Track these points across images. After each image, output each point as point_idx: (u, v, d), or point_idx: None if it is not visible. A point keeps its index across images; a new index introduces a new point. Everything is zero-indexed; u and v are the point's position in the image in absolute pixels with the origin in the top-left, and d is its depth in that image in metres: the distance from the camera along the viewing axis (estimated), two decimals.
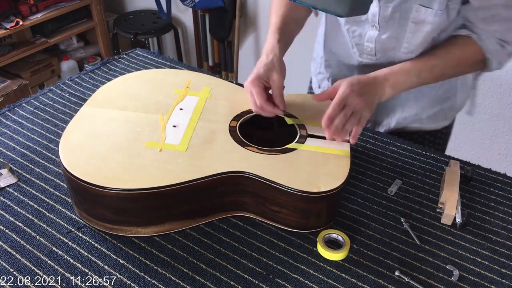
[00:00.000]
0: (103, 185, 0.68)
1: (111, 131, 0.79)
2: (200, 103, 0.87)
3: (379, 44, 0.90)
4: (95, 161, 0.72)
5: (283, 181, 0.70)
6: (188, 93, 0.90)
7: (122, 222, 0.72)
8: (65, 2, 2.44)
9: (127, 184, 0.68)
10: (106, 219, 0.72)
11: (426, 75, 0.84)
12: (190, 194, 0.71)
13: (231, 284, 0.67)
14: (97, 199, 0.70)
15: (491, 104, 1.84)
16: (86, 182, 0.68)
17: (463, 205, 0.81)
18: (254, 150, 0.76)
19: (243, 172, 0.71)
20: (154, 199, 0.70)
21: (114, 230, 0.73)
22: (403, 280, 0.68)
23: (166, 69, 1.00)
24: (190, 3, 2.24)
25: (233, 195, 0.75)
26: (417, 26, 0.84)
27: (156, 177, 0.70)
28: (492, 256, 0.73)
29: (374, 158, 0.91)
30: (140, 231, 0.73)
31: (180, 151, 0.75)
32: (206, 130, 0.80)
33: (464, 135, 1.99)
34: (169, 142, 0.77)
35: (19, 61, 2.35)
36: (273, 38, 0.87)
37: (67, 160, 0.72)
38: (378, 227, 0.77)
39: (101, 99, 0.87)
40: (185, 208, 0.73)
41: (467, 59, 0.86)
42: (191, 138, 0.78)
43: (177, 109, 0.85)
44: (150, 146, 0.76)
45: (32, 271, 0.68)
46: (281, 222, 0.75)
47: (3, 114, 1.00)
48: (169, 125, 0.81)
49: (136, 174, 0.70)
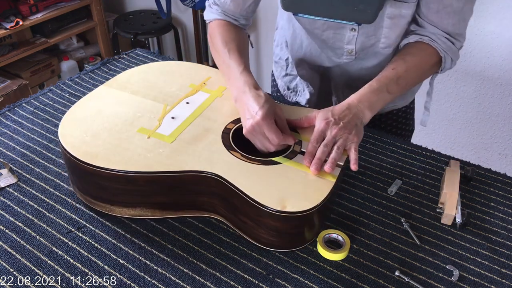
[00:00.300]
0: (82, 159, 0.72)
1: (114, 112, 0.83)
2: (208, 100, 0.88)
3: (359, 44, 0.92)
4: (86, 137, 0.77)
5: (250, 192, 0.68)
6: (202, 89, 0.91)
7: (99, 198, 0.76)
8: (65, 2, 2.44)
9: (104, 163, 0.71)
10: (87, 193, 0.77)
11: (394, 88, 0.84)
12: (162, 185, 0.73)
13: (231, 284, 0.67)
14: (80, 172, 0.74)
15: (491, 104, 1.85)
16: (70, 154, 0.73)
17: (463, 205, 0.81)
18: (237, 156, 0.75)
19: (213, 174, 0.71)
20: (126, 182, 0.72)
21: (93, 204, 0.77)
22: (403, 280, 0.68)
23: (191, 63, 1.01)
24: (190, 3, 2.24)
25: (206, 195, 0.74)
26: (393, 20, 0.86)
27: (132, 162, 0.72)
28: (492, 256, 0.73)
29: (374, 158, 0.91)
30: (114, 209, 0.76)
31: (166, 142, 0.77)
32: (200, 127, 0.80)
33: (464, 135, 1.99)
34: (160, 132, 0.79)
35: (19, 61, 2.35)
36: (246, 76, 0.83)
37: (62, 131, 0.77)
38: (378, 227, 0.77)
39: (120, 81, 0.92)
40: (158, 198, 0.75)
41: (425, 63, 0.88)
42: (182, 132, 0.79)
43: (183, 102, 0.87)
44: (141, 132, 0.78)
45: (32, 271, 0.68)
46: (249, 234, 0.73)
47: (3, 114, 1.00)
48: (168, 116, 0.82)
49: (116, 155, 0.73)
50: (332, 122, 0.76)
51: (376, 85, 0.83)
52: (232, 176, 0.70)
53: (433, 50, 0.86)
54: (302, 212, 0.67)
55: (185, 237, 0.74)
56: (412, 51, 0.87)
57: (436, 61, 0.88)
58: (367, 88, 0.83)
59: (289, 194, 0.69)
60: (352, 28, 0.89)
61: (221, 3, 0.94)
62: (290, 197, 0.68)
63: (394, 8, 0.83)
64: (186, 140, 0.77)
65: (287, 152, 0.77)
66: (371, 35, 0.89)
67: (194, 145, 0.76)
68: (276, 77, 1.16)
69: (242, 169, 0.72)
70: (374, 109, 0.82)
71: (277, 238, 0.70)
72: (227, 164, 0.73)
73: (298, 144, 0.79)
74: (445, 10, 0.83)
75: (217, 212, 0.76)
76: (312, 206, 0.67)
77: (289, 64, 1.09)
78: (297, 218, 0.67)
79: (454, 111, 1.95)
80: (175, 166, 0.72)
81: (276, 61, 1.13)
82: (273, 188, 0.70)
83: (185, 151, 0.75)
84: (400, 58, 0.86)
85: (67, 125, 0.79)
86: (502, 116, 1.84)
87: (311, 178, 0.72)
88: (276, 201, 0.67)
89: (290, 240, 0.72)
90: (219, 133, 0.79)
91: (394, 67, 0.85)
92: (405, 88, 0.86)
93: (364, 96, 0.81)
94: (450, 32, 0.86)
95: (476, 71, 1.81)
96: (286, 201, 0.67)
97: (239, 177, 0.70)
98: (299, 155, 0.76)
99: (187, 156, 0.74)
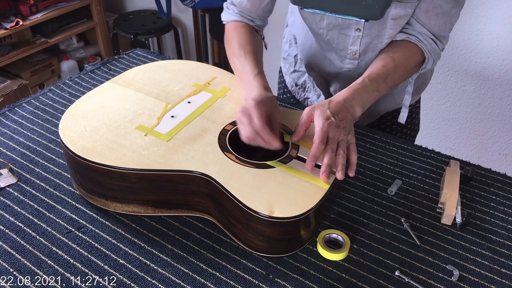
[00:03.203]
0: (78, 153, 0.73)
1: (115, 108, 0.84)
2: (210, 100, 0.88)
3: (363, 45, 0.92)
4: (85, 131, 0.77)
5: (239, 195, 0.67)
6: (205, 89, 0.91)
7: (94, 193, 0.76)
8: (65, 2, 2.44)
9: (98, 158, 0.72)
10: (83, 186, 0.78)
11: (383, 86, 0.84)
12: (154, 183, 0.73)
13: (231, 284, 0.67)
14: (77, 166, 0.75)
15: (491, 104, 1.85)
16: (67, 147, 0.74)
17: (463, 205, 0.81)
18: (231, 157, 0.74)
19: (203, 174, 0.71)
20: (120, 178, 0.72)
21: (88, 198, 0.78)
22: (403, 280, 0.68)
23: (198, 62, 1.01)
24: (190, 3, 2.24)
25: (198, 196, 0.74)
26: (396, 21, 0.86)
27: (126, 158, 0.73)
28: (492, 256, 0.73)
29: (374, 158, 0.91)
30: (109, 204, 0.77)
31: (162, 140, 0.77)
32: (198, 127, 0.80)
33: (464, 135, 1.99)
34: (157, 130, 0.79)
35: (19, 61, 2.35)
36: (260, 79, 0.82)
37: (63, 125, 0.78)
38: (378, 227, 0.77)
39: (125, 78, 0.93)
40: (150, 196, 0.75)
41: (411, 62, 0.88)
42: (179, 131, 0.79)
43: (185, 102, 0.87)
44: (138, 129, 0.79)
45: (32, 271, 0.68)
46: (238, 238, 0.72)
47: (3, 114, 1.00)
48: (168, 115, 0.82)
49: (111, 151, 0.74)
50: (333, 122, 0.73)
51: (368, 82, 0.82)
52: (223, 177, 0.70)
53: (418, 50, 0.87)
54: (290, 219, 0.65)
55: (185, 237, 0.74)
56: (399, 50, 0.87)
57: (420, 61, 0.88)
58: (359, 85, 0.82)
59: (279, 199, 0.67)
60: (357, 28, 0.89)
61: (238, 3, 0.95)
62: (279, 203, 0.67)
63: (399, 9, 0.83)
64: (182, 139, 0.77)
65: (282, 157, 0.75)
66: (375, 35, 0.89)
67: (189, 145, 0.76)
68: (284, 73, 1.16)
69: (234, 171, 0.71)
70: (364, 107, 0.82)
71: (265, 243, 0.69)
72: (219, 165, 0.72)
73: (294, 148, 0.77)
74: (434, 10, 0.84)
75: (208, 213, 0.76)
76: (300, 213, 0.66)
77: (297, 61, 1.09)
78: (284, 224, 0.66)
79: (454, 111, 1.95)
80: (167, 165, 0.72)
81: (285, 57, 1.14)
82: (263, 192, 0.68)
83: (179, 151, 0.75)
84: (389, 56, 0.86)
85: (69, 119, 0.80)
86: (502, 116, 1.85)
87: (303, 184, 0.70)
88: (264, 206, 0.66)
89: (278, 246, 0.70)
90: (217, 134, 0.79)
91: (383, 64, 0.84)
92: (391, 87, 0.86)
93: (357, 92, 0.80)
94: (435, 34, 0.86)
95: (476, 71, 1.81)
96: (274, 206, 0.66)
97: (230, 179, 0.70)
98: (294, 160, 0.75)
99: (180, 156, 0.74)
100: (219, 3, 2.19)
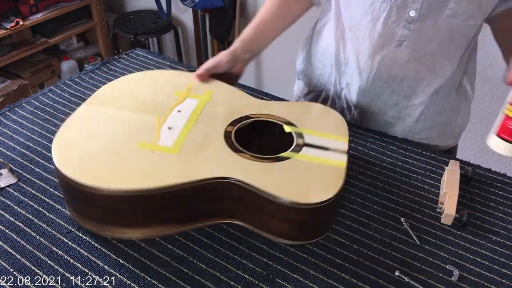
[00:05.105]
0: (90, 184, 0.67)
1: (106, 131, 0.78)
2: (199, 106, 0.86)
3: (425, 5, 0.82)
4: (86, 160, 0.71)
5: (272, 190, 0.68)
6: (189, 96, 0.89)
7: (109, 222, 0.72)
8: (65, 2, 2.44)
9: (114, 184, 0.67)
10: (94, 218, 0.72)
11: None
12: (178, 198, 0.70)
13: (231, 284, 0.67)
14: (86, 198, 0.70)
15: (491, 104, 1.85)
16: (74, 180, 0.68)
17: (463, 205, 0.81)
18: (247, 157, 0.74)
19: (231, 179, 0.70)
20: (141, 200, 0.69)
21: (101, 229, 0.73)
22: (403, 280, 0.68)
23: (169, 70, 1.00)
24: (190, 3, 2.24)
25: (223, 201, 0.73)
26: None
27: (145, 178, 0.69)
28: (492, 256, 0.73)
29: (374, 158, 0.91)
30: (128, 232, 0.73)
31: (171, 153, 0.74)
32: (200, 134, 0.79)
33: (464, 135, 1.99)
34: (162, 144, 0.75)
35: (19, 61, 2.35)
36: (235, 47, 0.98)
37: (58, 158, 0.71)
38: (378, 227, 0.77)
39: (100, 97, 0.87)
40: (173, 212, 0.73)
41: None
42: (184, 141, 0.77)
43: (175, 111, 0.84)
44: (143, 147, 0.75)
45: (32, 271, 0.68)
46: (271, 232, 0.73)
47: (3, 114, 1.00)
48: (164, 127, 0.80)
49: (125, 174, 0.69)
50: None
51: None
52: (249, 177, 0.70)
53: None
54: (326, 201, 0.68)
55: (185, 237, 0.74)
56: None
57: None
58: None
59: (309, 186, 0.70)
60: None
61: None
62: (310, 189, 0.69)
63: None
64: (191, 148, 0.75)
65: (292, 147, 0.78)
66: None
67: (201, 153, 0.74)
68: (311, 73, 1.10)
69: (255, 169, 0.72)
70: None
71: (299, 230, 0.73)
72: (238, 166, 0.72)
73: (300, 137, 0.79)
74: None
75: (232, 216, 0.75)
76: (333, 194, 0.69)
77: None
78: (321, 208, 0.69)
79: None
80: (188, 176, 0.69)
81: None
82: (291, 182, 0.71)
83: (194, 160, 0.73)
84: None
85: (61, 152, 0.73)
86: None
87: (323, 168, 0.74)
88: (299, 195, 0.68)
89: (314, 231, 0.74)
90: (221, 137, 0.78)
91: None
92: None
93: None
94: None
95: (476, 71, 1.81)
96: (309, 193, 0.69)
97: (256, 177, 0.70)
98: (304, 148, 0.77)
99: (197, 165, 0.72)
100: (219, 3, 2.19)
